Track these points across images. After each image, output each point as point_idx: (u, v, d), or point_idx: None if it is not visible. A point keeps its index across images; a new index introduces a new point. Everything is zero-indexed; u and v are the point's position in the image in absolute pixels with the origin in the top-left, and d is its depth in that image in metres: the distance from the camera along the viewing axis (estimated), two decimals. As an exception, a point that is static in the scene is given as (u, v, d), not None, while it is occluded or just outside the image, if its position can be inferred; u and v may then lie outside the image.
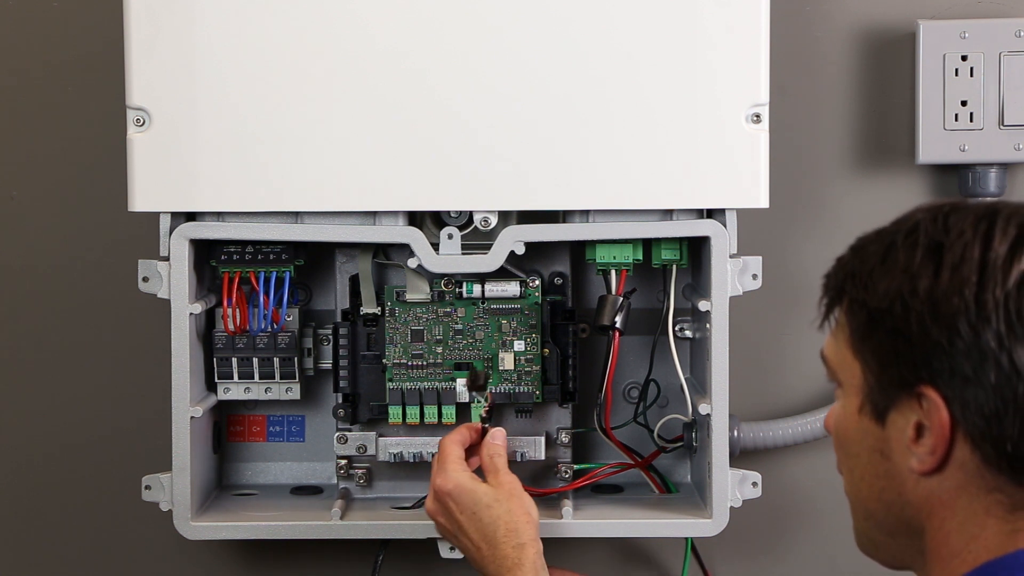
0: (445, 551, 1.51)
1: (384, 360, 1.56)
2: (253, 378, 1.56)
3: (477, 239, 1.50)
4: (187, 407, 1.49)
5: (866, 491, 1.09)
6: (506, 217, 1.51)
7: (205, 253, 1.53)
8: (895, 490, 1.06)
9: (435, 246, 1.49)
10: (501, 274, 1.52)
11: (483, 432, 1.49)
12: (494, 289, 1.55)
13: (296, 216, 1.49)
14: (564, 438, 1.58)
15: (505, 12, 1.45)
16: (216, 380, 1.56)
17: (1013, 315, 0.99)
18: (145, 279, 1.49)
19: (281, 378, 1.56)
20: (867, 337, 1.06)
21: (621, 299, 1.53)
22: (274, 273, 1.52)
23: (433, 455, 1.54)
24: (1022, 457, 1.01)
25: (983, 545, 1.03)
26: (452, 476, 1.41)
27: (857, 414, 1.08)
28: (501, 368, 1.55)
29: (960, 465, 1.03)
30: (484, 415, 1.51)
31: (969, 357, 1.00)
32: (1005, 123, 1.62)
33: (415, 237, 1.48)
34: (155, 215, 1.49)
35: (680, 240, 1.53)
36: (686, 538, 1.59)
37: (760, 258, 1.50)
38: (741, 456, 1.59)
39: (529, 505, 1.41)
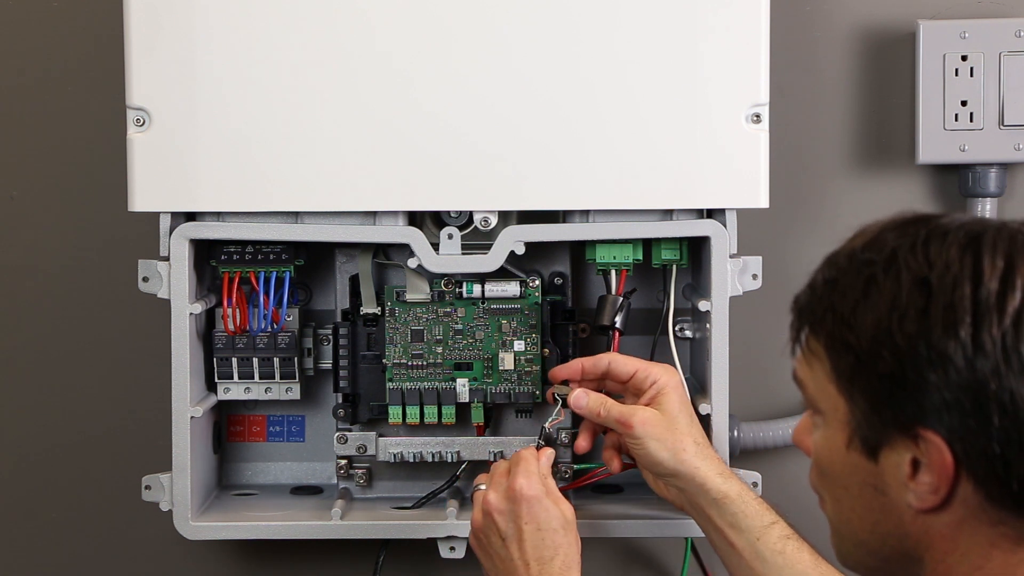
0: (445, 551, 1.51)
1: (384, 360, 1.56)
2: (253, 378, 1.56)
3: (477, 239, 1.51)
4: (187, 407, 1.49)
5: (858, 523, 1.06)
6: (506, 217, 1.51)
7: (205, 253, 1.53)
8: (891, 523, 1.04)
9: (435, 246, 1.49)
10: (501, 274, 1.52)
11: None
12: (494, 289, 1.55)
13: (296, 216, 1.49)
14: (564, 438, 1.57)
15: (504, 12, 1.45)
16: (216, 380, 1.56)
17: (1011, 353, 0.97)
18: (145, 279, 1.49)
19: (281, 378, 1.57)
20: (855, 379, 1.03)
21: (621, 299, 1.53)
22: (274, 273, 1.52)
23: (434, 455, 1.55)
24: None
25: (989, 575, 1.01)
26: (537, 485, 1.39)
27: (845, 448, 1.05)
28: (501, 368, 1.55)
29: (963, 501, 1.00)
30: (549, 428, 1.50)
31: (968, 397, 0.98)
32: (1005, 123, 1.62)
33: (415, 237, 1.48)
34: (155, 215, 1.49)
35: (680, 240, 1.53)
36: (686, 538, 1.59)
37: (760, 258, 1.50)
38: (741, 456, 1.59)
39: (579, 545, 1.40)
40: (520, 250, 1.49)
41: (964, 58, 1.62)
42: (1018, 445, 0.97)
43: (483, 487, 1.42)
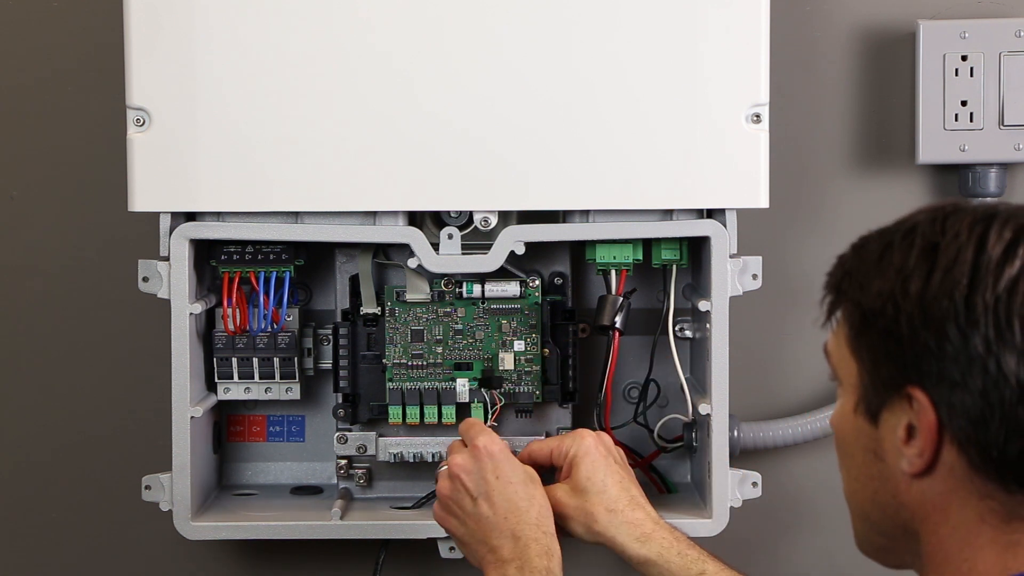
0: (445, 551, 1.51)
1: (384, 360, 1.56)
2: (253, 378, 1.56)
3: (477, 239, 1.51)
4: (187, 407, 1.49)
5: (861, 492, 1.09)
6: (506, 217, 1.51)
7: (205, 253, 1.53)
8: (889, 492, 1.06)
9: (435, 246, 1.49)
10: (501, 274, 1.52)
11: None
12: (494, 289, 1.55)
13: (296, 216, 1.49)
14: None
15: (504, 12, 1.45)
16: (216, 380, 1.56)
17: (1002, 320, 0.99)
18: (145, 279, 1.49)
19: (281, 378, 1.57)
20: (861, 336, 1.05)
21: (621, 299, 1.53)
22: (274, 273, 1.52)
23: (434, 455, 1.56)
24: (1008, 464, 1.00)
25: (979, 555, 1.02)
26: (499, 441, 1.42)
27: (853, 413, 1.07)
28: (501, 368, 1.55)
29: (949, 469, 1.02)
30: (492, 422, 1.53)
31: (957, 361, 0.99)
32: (1005, 123, 1.62)
33: (415, 237, 1.49)
34: (155, 215, 1.49)
35: (680, 240, 1.53)
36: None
37: (760, 258, 1.50)
38: (741, 456, 1.59)
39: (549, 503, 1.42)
40: (520, 250, 1.49)
41: (964, 58, 1.62)
42: (1000, 412, 0.99)
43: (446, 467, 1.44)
